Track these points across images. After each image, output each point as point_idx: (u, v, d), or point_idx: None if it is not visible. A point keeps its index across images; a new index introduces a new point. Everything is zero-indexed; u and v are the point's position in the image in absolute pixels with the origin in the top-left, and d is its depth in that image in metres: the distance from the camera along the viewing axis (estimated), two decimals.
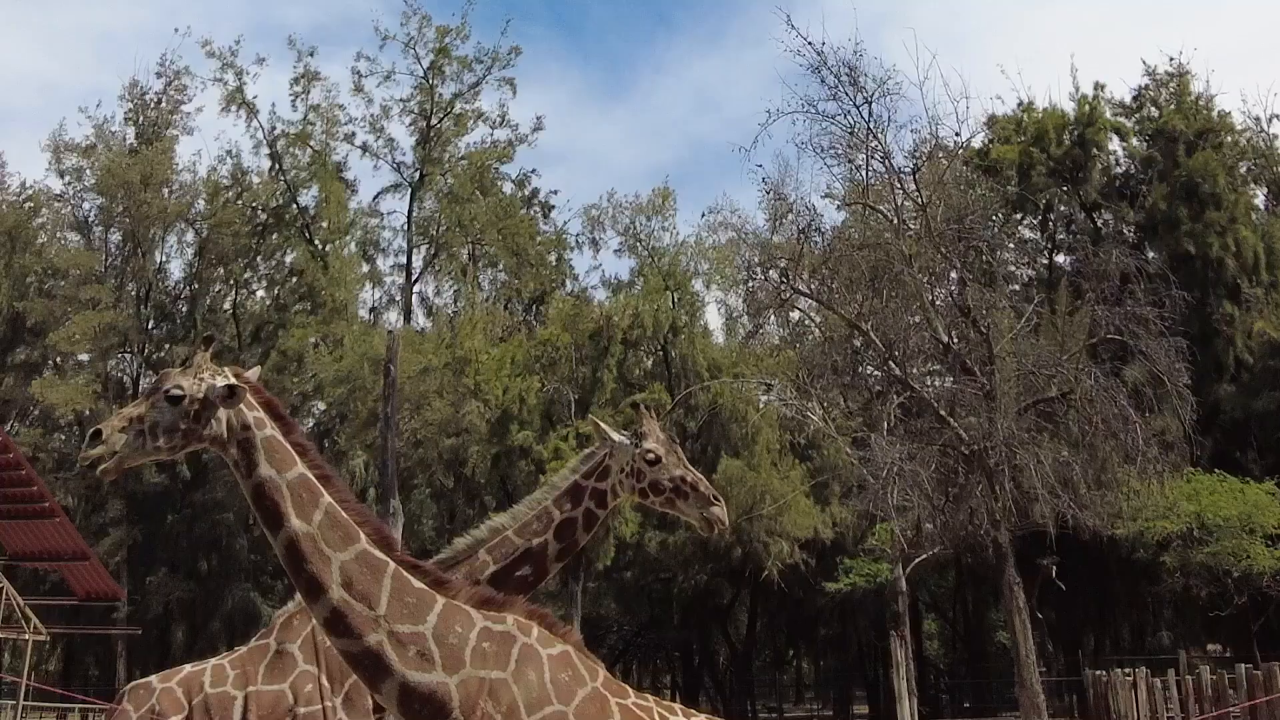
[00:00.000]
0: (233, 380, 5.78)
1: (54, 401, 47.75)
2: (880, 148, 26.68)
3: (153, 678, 7.73)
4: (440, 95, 55.35)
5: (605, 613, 64.09)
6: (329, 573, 5.51)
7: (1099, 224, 49.69)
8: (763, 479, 41.37)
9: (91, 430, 5.66)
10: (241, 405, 5.76)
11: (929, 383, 29.08)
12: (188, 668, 7.74)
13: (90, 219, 56.04)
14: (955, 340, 26.71)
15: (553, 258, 56.40)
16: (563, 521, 7.61)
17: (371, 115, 55.73)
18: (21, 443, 43.03)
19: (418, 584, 5.61)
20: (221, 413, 5.75)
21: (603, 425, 7.82)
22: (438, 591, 5.63)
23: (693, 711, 6.04)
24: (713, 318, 62.04)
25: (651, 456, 7.66)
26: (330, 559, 5.53)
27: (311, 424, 55.29)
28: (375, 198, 57.49)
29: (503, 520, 7.69)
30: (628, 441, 7.73)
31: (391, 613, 5.48)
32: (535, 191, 58.50)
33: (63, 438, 55.96)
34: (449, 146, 55.88)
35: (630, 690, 5.80)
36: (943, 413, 25.77)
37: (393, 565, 5.61)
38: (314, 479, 5.70)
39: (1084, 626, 52.56)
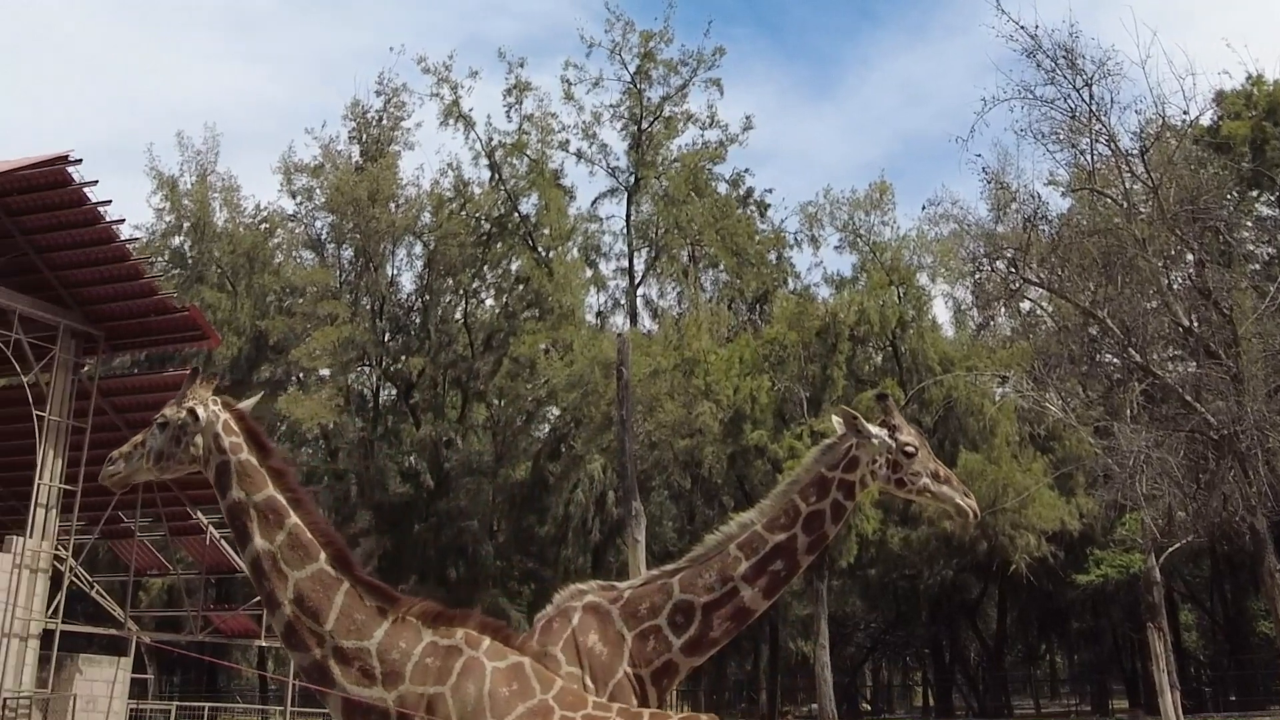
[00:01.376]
0: (196, 408, 6.37)
1: (300, 416, 48.93)
2: (1105, 130, 25.97)
3: None
4: (649, 99, 55.79)
5: (851, 610, 63.75)
6: (284, 589, 5.94)
7: None
8: (1004, 472, 40.55)
9: (109, 456, 6.60)
10: (220, 431, 6.31)
11: (1171, 368, 28.11)
12: None
13: (323, 237, 57.63)
14: (1196, 324, 25.82)
15: (772, 256, 56.25)
16: (810, 514, 7.47)
17: (583, 122, 56.42)
18: None
19: (369, 602, 5.93)
20: (198, 438, 6.35)
21: (860, 418, 7.69)
22: (389, 609, 5.92)
23: (666, 714, 6.07)
24: (940, 311, 61.03)
25: (910, 449, 7.45)
26: (287, 576, 5.96)
27: (547, 429, 56.32)
28: (593, 203, 58.07)
29: (750, 516, 7.56)
30: (885, 434, 7.50)
31: (338, 629, 5.85)
32: (750, 191, 58.44)
33: (310, 452, 58.08)
34: (661, 149, 56.12)
35: (590, 700, 5.91)
36: (1188, 398, 24.94)
37: (346, 584, 5.96)
38: (283, 501, 6.13)
39: None
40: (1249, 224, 41.49)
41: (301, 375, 55.42)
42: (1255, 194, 46.17)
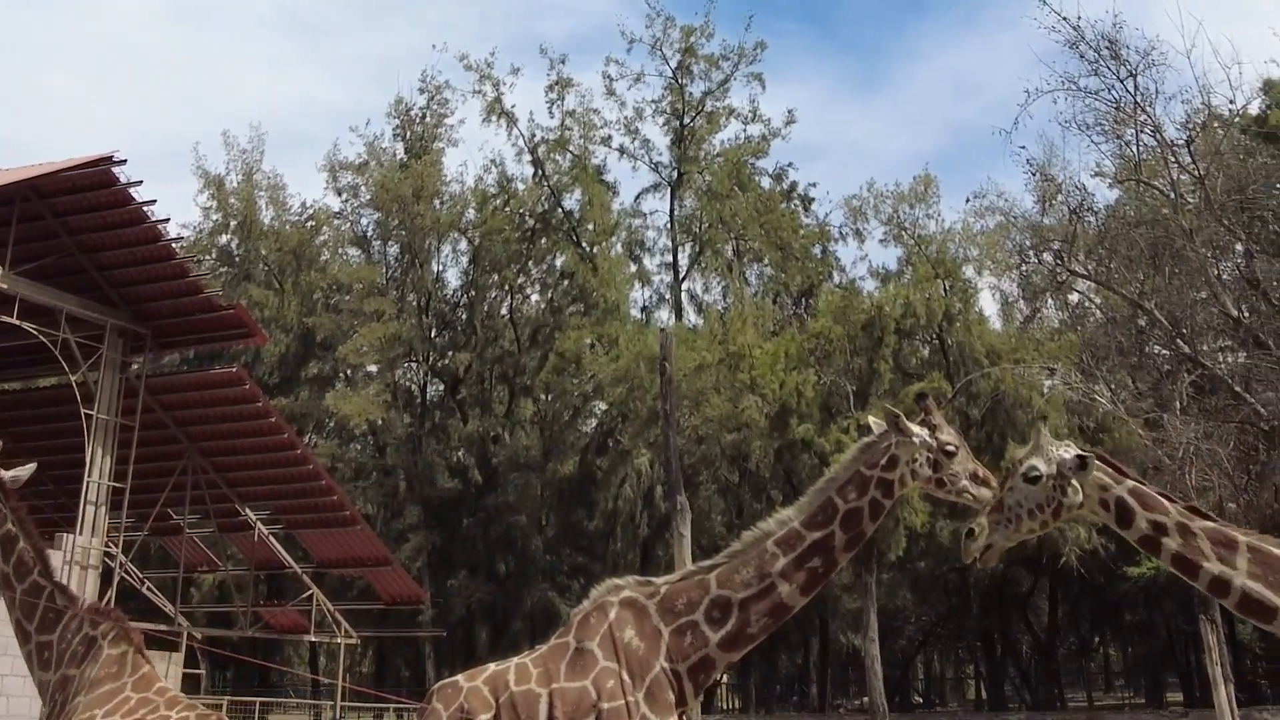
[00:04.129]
0: None
1: (348, 413, 49.05)
2: (1150, 121, 25.80)
3: (459, 677, 7.78)
4: (690, 94, 55.91)
5: (901, 604, 63.39)
6: (13, 597, 7.83)
7: None
8: None
9: None
10: None
11: (1220, 359, 27.86)
12: (492, 667, 7.80)
13: (368, 234, 58.01)
14: (1245, 314, 25.60)
15: (817, 250, 55.98)
16: (848, 511, 7.43)
17: (625, 118, 56.71)
18: (319, 454, 44.78)
19: (59, 603, 7.72)
20: None
21: (902, 417, 7.51)
22: (71, 607, 7.71)
23: (194, 703, 7.59)
24: (987, 304, 60.56)
25: (951, 448, 7.44)
26: (15, 587, 7.87)
27: (594, 424, 56.43)
28: (637, 198, 58.29)
29: (789, 513, 7.55)
30: (925, 434, 7.51)
31: (39, 627, 7.70)
32: (794, 185, 58.14)
33: (358, 448, 58.37)
34: (704, 144, 56.26)
35: (157, 685, 7.44)
36: (1238, 389, 24.75)
37: (48, 589, 7.80)
38: (16, 532, 7.99)
39: None
40: None
41: (349, 372, 55.79)
42: None
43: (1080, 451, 6.48)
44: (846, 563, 7.98)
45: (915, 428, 7.49)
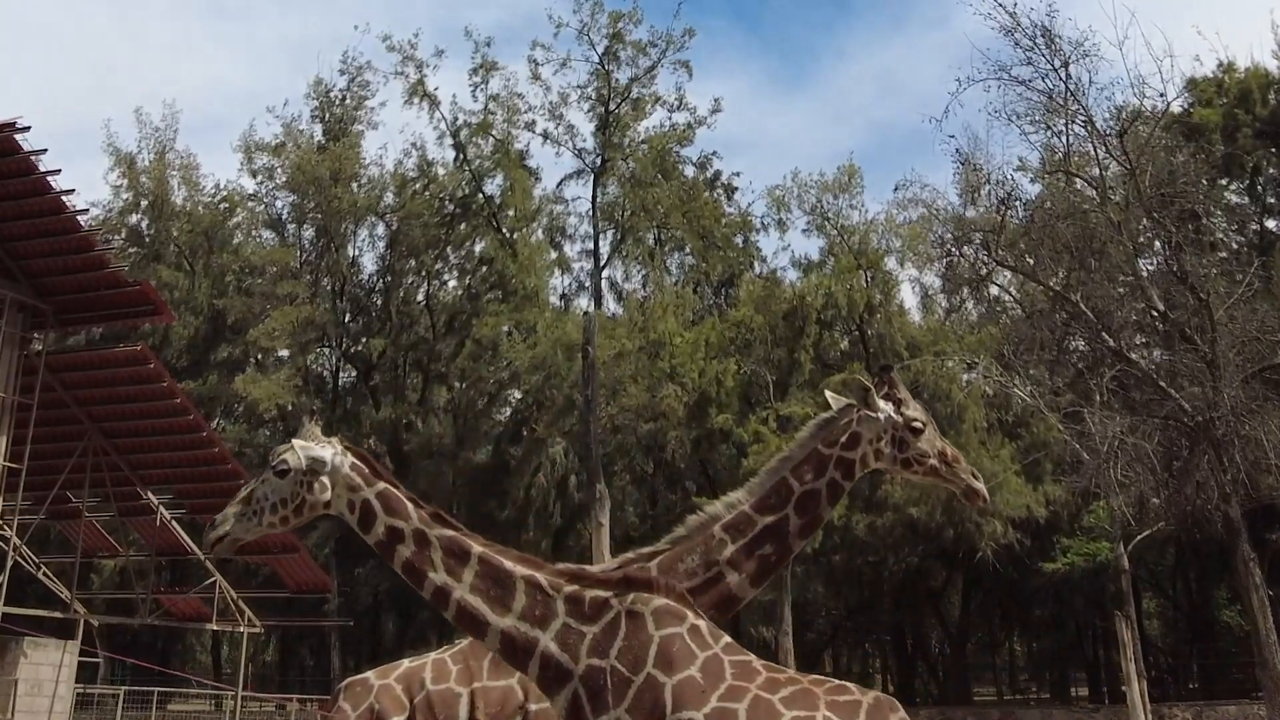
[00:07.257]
0: None
1: (257, 397, 48.27)
2: (1081, 111, 25.69)
3: (370, 674, 7.43)
4: (617, 80, 55.26)
5: (813, 597, 63.42)
6: None
7: None
8: (971, 458, 39.86)
9: None
10: None
11: (1144, 354, 27.86)
12: (406, 663, 7.45)
13: (283, 216, 57.24)
14: (1171, 309, 25.55)
15: (739, 239, 55.70)
16: (804, 494, 6.86)
17: (550, 103, 55.84)
18: (227, 439, 44.07)
19: None
20: None
21: (872, 390, 7.02)
22: None
23: None
24: (908, 296, 60.76)
25: (918, 424, 6.97)
26: None
27: (509, 412, 55.85)
28: (559, 184, 57.54)
29: (738, 495, 6.98)
30: (890, 409, 6.99)
31: None
32: (717, 174, 57.74)
33: (267, 433, 57.14)
34: (628, 131, 55.56)
35: None
36: (1162, 384, 24.67)
37: None
38: None
39: None
40: (1219, 212, 41.33)
41: (260, 356, 54.86)
42: (1225, 181, 46.02)
43: (344, 444, 6.30)
44: (801, 549, 7.37)
45: (881, 402, 6.93)
